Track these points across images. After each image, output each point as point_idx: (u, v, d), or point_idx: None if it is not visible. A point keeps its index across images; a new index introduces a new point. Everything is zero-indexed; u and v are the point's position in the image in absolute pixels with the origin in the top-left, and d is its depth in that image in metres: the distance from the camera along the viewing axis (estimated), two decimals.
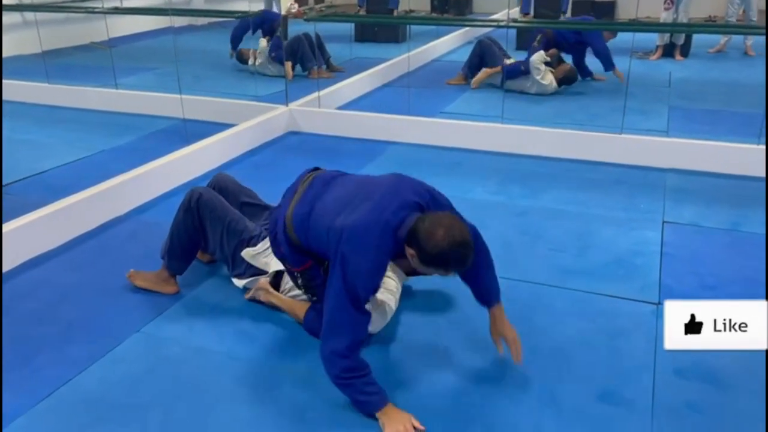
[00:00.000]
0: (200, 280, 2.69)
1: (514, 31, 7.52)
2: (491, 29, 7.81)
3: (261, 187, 2.89)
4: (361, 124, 4.67)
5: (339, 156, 4.26)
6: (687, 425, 1.90)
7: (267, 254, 2.47)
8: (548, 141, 4.23)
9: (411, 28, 7.08)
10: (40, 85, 5.65)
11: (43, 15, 6.95)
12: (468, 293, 2.15)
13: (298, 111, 4.82)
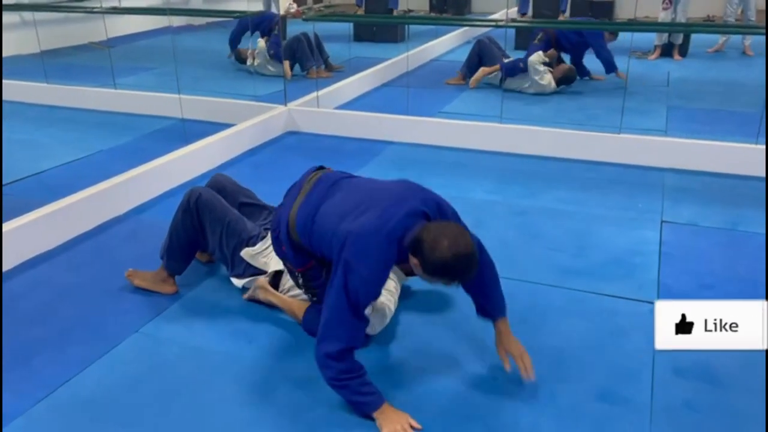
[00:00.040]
0: (199, 280, 2.69)
1: (513, 30, 7.53)
2: (490, 29, 7.82)
3: (260, 187, 2.89)
4: (360, 123, 4.67)
5: (338, 156, 4.25)
6: (685, 424, 1.91)
7: (266, 254, 2.47)
8: (547, 141, 4.23)
9: (410, 27, 7.08)
10: (39, 85, 5.65)
11: (41, 15, 6.94)
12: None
13: (297, 111, 4.82)
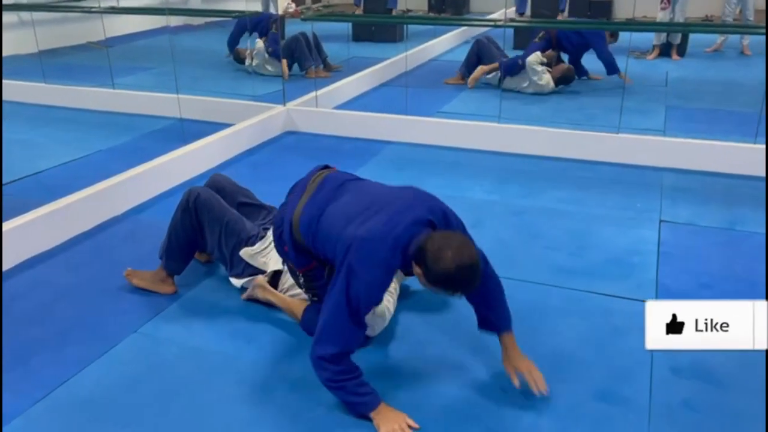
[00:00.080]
0: (198, 280, 2.69)
1: (512, 30, 7.53)
2: (488, 29, 7.82)
3: (258, 186, 2.89)
4: (359, 123, 4.67)
5: (336, 155, 4.25)
6: (684, 424, 1.91)
7: (265, 254, 2.47)
8: (545, 140, 4.23)
9: (408, 27, 7.08)
10: (37, 84, 5.64)
11: (39, 14, 6.92)
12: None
13: (296, 111, 4.81)
